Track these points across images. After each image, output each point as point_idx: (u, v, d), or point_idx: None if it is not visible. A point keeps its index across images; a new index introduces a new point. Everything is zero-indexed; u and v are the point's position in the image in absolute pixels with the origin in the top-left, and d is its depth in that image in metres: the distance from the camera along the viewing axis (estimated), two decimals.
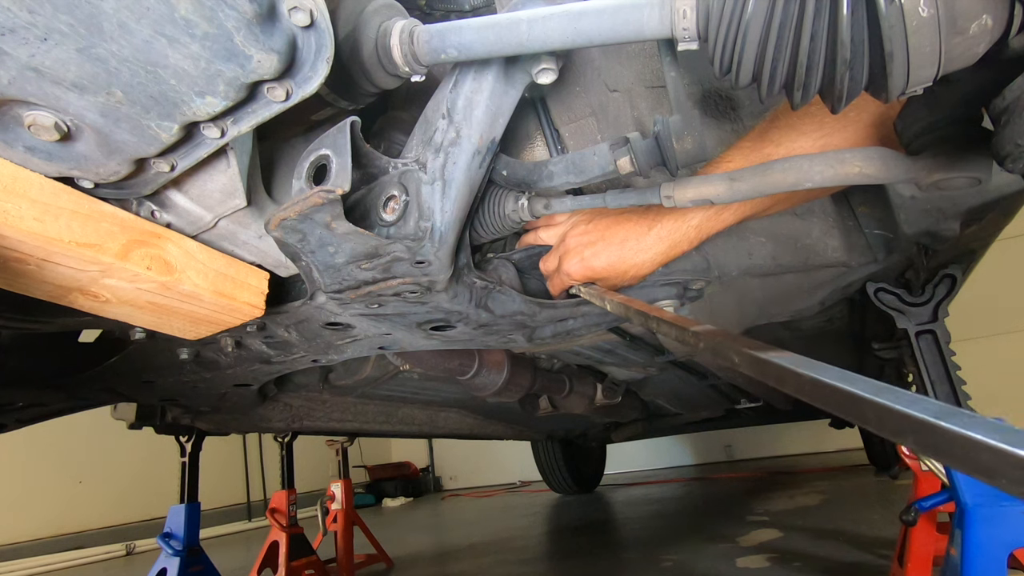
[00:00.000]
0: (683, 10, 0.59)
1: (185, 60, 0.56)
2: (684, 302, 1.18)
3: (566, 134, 1.07)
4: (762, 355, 0.43)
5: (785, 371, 0.40)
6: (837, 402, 0.36)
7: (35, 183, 0.66)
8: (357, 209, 0.84)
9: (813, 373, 0.38)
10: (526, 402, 2.00)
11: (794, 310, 1.45)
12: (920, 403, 0.32)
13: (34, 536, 5.25)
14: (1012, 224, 1.29)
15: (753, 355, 0.44)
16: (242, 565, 3.34)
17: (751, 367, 0.44)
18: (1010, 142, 0.53)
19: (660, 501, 4.53)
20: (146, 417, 2.02)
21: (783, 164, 0.78)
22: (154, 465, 5.17)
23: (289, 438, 2.90)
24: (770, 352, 0.43)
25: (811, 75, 0.55)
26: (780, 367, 0.41)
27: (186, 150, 0.70)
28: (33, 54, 0.53)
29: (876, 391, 0.34)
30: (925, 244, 1.15)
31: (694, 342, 0.52)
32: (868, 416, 0.34)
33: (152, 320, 0.92)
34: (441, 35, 0.69)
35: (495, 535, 3.90)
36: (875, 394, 0.34)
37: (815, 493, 3.71)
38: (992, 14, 0.48)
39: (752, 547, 2.50)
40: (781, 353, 0.43)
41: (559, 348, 1.56)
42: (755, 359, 0.44)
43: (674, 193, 0.87)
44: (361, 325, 1.12)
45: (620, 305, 0.82)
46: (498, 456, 8.28)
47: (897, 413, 0.32)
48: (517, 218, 0.98)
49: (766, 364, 0.42)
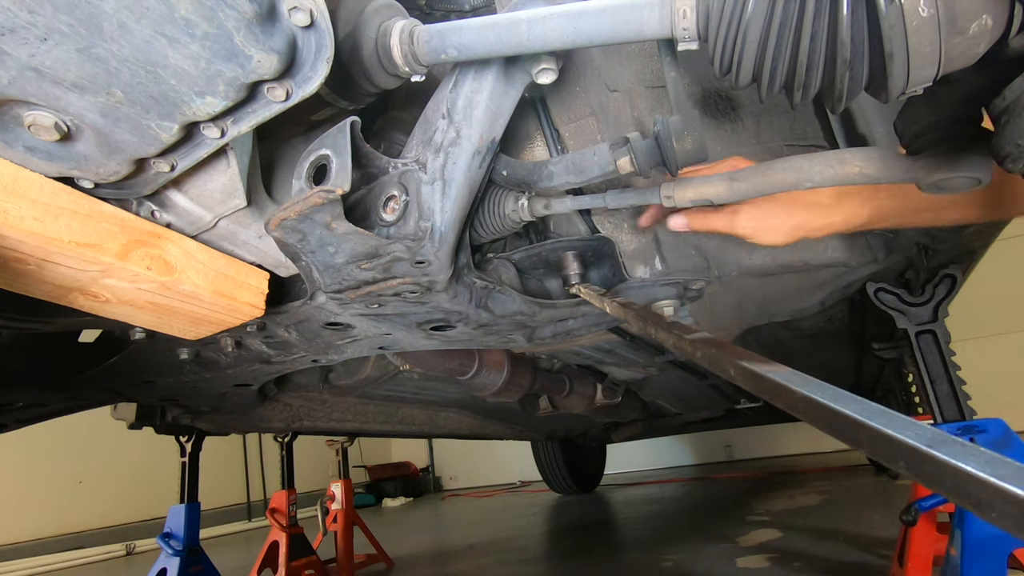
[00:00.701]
0: (683, 10, 0.59)
1: (185, 60, 0.56)
2: (684, 302, 1.18)
3: (566, 134, 1.07)
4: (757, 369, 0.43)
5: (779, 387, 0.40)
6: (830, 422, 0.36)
7: (35, 183, 0.66)
8: (357, 209, 0.84)
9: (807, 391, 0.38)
10: (526, 402, 2.00)
11: (794, 310, 1.45)
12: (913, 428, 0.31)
13: (34, 536, 5.25)
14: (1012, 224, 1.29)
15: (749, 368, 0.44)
16: (242, 565, 3.34)
17: (746, 381, 0.44)
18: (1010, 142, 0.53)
19: (660, 501, 4.53)
20: (146, 417, 2.02)
21: (783, 164, 0.78)
22: (154, 465, 5.18)
23: (289, 438, 2.90)
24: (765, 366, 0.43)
25: (811, 75, 0.55)
26: (775, 383, 0.41)
27: (186, 150, 0.70)
28: (33, 54, 0.53)
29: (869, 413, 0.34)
30: (925, 244, 1.15)
31: (691, 351, 0.52)
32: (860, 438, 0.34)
33: (152, 320, 0.92)
34: (441, 35, 0.69)
35: (495, 535, 3.90)
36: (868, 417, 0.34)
37: (815, 493, 3.71)
38: (992, 14, 0.48)
39: (752, 547, 2.50)
40: (777, 368, 0.43)
41: (559, 348, 1.56)
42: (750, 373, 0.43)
43: (674, 193, 0.87)
44: (361, 325, 1.12)
45: (619, 308, 0.82)
46: (498, 456, 8.28)
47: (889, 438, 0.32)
48: (517, 218, 0.98)
49: (761, 379, 0.42)
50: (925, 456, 0.30)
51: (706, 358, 0.49)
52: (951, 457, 0.28)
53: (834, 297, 1.38)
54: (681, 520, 3.60)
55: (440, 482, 9.36)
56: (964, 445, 0.29)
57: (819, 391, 0.38)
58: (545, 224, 1.18)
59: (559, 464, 5.09)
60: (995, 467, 0.27)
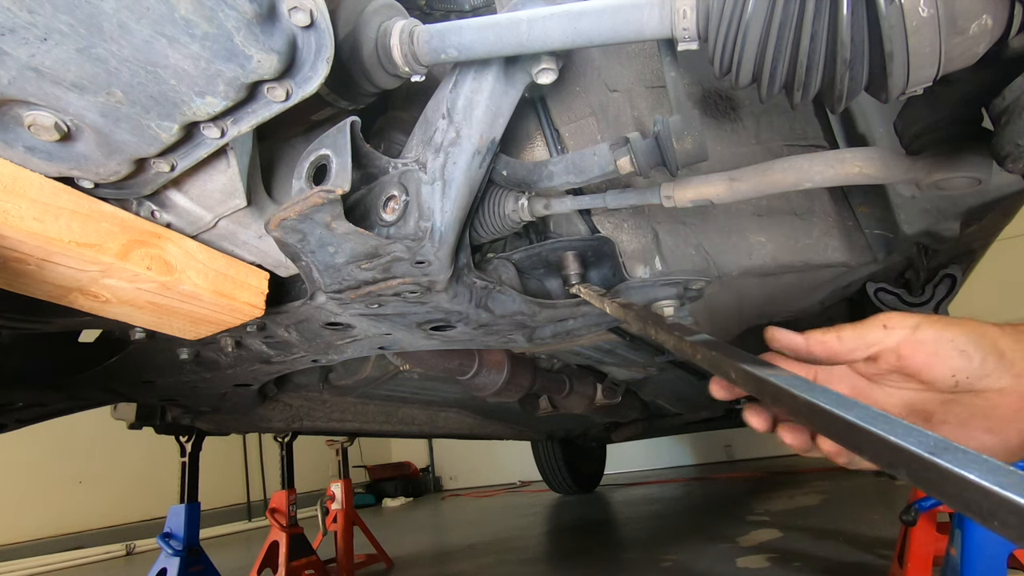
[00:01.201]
0: (683, 10, 0.59)
1: (185, 60, 0.56)
2: (684, 302, 1.17)
3: (566, 134, 1.07)
4: (759, 372, 0.42)
5: (781, 391, 0.40)
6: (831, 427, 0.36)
7: (35, 183, 0.66)
8: (357, 209, 0.84)
9: (809, 396, 0.37)
10: (526, 402, 2.00)
11: (794, 310, 1.45)
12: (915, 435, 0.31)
13: (34, 536, 5.25)
14: (1012, 224, 1.29)
15: (750, 372, 0.43)
16: (242, 565, 3.34)
17: (747, 384, 0.44)
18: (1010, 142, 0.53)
19: (660, 501, 4.53)
20: (146, 417, 2.02)
21: (783, 164, 0.78)
22: (154, 465, 5.18)
23: (289, 438, 2.90)
24: (767, 369, 0.43)
25: (811, 75, 0.55)
26: (776, 386, 0.40)
27: (186, 150, 0.70)
28: (33, 54, 0.53)
29: (871, 419, 0.33)
30: (925, 244, 1.15)
31: (691, 352, 0.52)
32: (863, 445, 0.33)
33: (152, 320, 0.92)
34: (441, 35, 0.69)
35: (495, 535, 3.90)
36: (870, 422, 0.33)
37: (815, 493, 3.70)
38: (992, 14, 0.48)
39: (752, 547, 2.50)
40: (778, 371, 0.42)
41: (559, 348, 1.55)
42: (752, 376, 0.43)
43: (674, 193, 0.87)
44: (361, 325, 1.12)
45: (619, 308, 0.82)
46: (498, 456, 8.28)
47: (891, 444, 0.31)
48: (517, 218, 0.98)
49: (762, 382, 0.42)
50: (927, 463, 0.29)
51: (706, 360, 0.49)
52: (954, 465, 0.28)
53: (834, 297, 1.38)
54: (681, 520, 3.60)
55: (440, 482, 9.36)
56: (966, 452, 0.29)
57: (821, 396, 0.37)
58: (545, 224, 1.18)
59: (559, 464, 5.09)
60: (998, 475, 0.27)
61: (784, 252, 1.14)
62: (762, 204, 1.14)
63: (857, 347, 0.52)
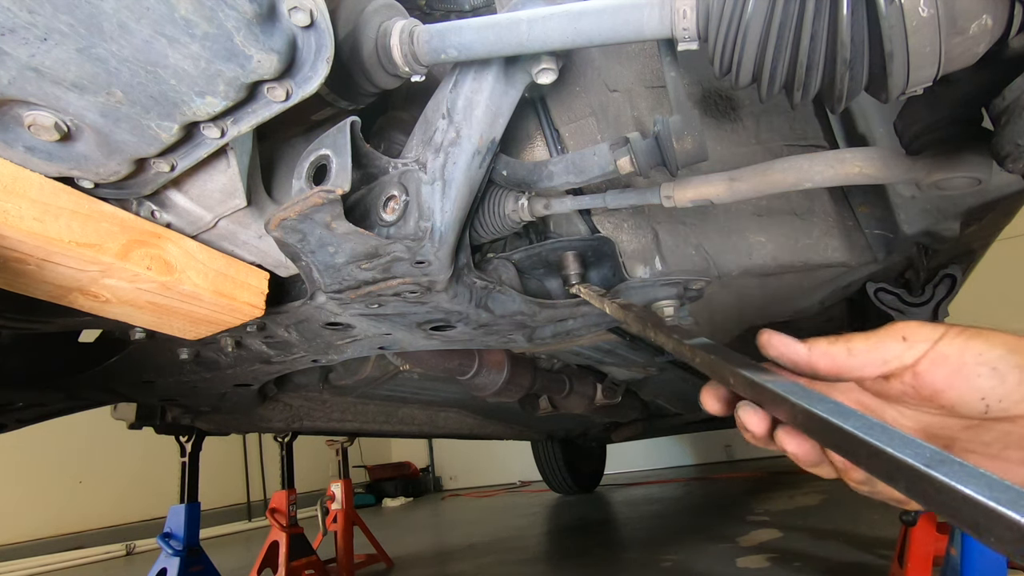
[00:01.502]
0: (683, 10, 0.59)
1: (185, 60, 0.56)
2: (684, 302, 1.17)
3: (566, 134, 1.07)
4: (757, 378, 0.42)
5: (779, 398, 0.39)
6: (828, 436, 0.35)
7: (35, 183, 0.66)
8: (357, 209, 0.84)
9: (806, 404, 0.37)
10: (526, 402, 2.00)
11: (794, 310, 1.45)
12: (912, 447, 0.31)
13: (34, 536, 5.25)
14: (1012, 224, 1.29)
15: (748, 377, 0.43)
16: (242, 565, 3.34)
17: (745, 389, 0.43)
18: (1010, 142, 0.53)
19: (660, 501, 4.53)
20: (146, 417, 2.02)
21: (783, 164, 0.78)
22: (154, 465, 5.18)
23: (289, 438, 2.90)
24: (765, 375, 0.42)
25: (811, 75, 0.55)
26: (774, 393, 0.40)
27: (186, 150, 0.70)
28: (33, 54, 0.53)
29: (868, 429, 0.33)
30: (925, 244, 1.15)
31: (690, 356, 0.52)
32: (859, 454, 0.33)
33: (152, 320, 0.92)
34: (441, 35, 0.69)
35: (495, 535, 3.90)
36: (867, 432, 0.33)
37: (815, 493, 3.70)
38: (992, 14, 0.48)
39: (752, 547, 2.50)
40: (776, 377, 0.42)
41: (559, 348, 1.55)
42: (749, 382, 0.42)
43: (674, 193, 0.87)
44: (361, 325, 1.12)
45: (619, 309, 0.82)
46: (498, 456, 8.28)
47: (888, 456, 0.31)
48: (517, 218, 0.98)
49: (760, 388, 0.41)
50: (924, 476, 0.29)
51: (705, 364, 0.49)
52: (950, 478, 0.28)
53: (834, 297, 1.38)
54: (681, 520, 3.60)
55: (440, 482, 9.36)
56: (963, 466, 0.29)
57: (819, 403, 0.37)
58: (545, 224, 1.18)
59: (559, 464, 5.09)
60: (995, 490, 0.27)
61: (784, 252, 1.14)
62: (762, 204, 1.14)
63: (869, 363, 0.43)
